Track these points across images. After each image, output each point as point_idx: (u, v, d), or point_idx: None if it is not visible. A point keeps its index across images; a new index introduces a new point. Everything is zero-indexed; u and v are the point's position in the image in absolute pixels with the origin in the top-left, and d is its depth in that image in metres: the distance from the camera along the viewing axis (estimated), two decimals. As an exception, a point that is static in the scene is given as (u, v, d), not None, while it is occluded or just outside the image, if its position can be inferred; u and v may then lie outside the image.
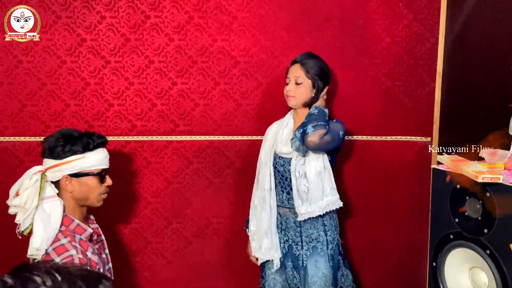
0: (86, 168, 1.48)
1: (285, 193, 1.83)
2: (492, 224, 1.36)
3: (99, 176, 1.52)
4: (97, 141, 1.51)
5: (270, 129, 1.94)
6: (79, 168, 1.47)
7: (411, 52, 2.10)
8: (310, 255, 1.79)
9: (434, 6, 2.07)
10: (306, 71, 1.77)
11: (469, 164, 1.51)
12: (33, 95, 2.06)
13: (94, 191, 1.51)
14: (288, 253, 1.85)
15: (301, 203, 1.76)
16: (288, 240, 1.85)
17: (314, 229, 1.81)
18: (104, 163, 1.54)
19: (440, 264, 1.57)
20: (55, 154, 1.47)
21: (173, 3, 2.04)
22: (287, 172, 1.80)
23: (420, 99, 2.14)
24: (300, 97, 1.78)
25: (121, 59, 2.06)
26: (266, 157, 1.86)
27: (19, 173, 2.09)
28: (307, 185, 1.74)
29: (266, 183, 1.83)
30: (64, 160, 1.46)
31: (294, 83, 1.78)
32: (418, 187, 2.18)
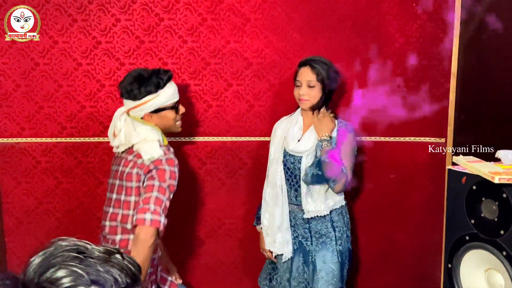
0: (161, 105, 1.66)
1: (293, 190, 1.85)
2: (509, 225, 1.35)
3: (174, 108, 1.70)
4: (165, 79, 1.65)
5: (279, 125, 1.95)
6: (156, 105, 1.64)
7: (425, 52, 2.09)
8: (319, 250, 1.82)
9: (448, 6, 2.06)
10: (317, 74, 1.78)
11: (485, 164, 1.50)
12: (50, 97, 2.10)
13: (173, 121, 1.71)
14: (298, 248, 1.87)
15: (310, 201, 1.79)
16: (298, 236, 1.87)
17: (323, 225, 1.83)
18: (175, 96, 1.70)
19: (456, 266, 1.56)
20: (132, 96, 1.63)
21: (186, 6, 2.06)
22: (296, 169, 1.82)
23: (434, 100, 2.13)
24: (313, 100, 1.81)
25: (135, 61, 2.09)
26: (276, 154, 1.88)
27: (35, 173, 2.14)
28: (318, 185, 1.76)
29: (278, 180, 1.85)
30: (142, 101, 1.63)
31: (306, 86, 1.79)
32: (432, 188, 2.16)
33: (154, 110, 1.65)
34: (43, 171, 2.15)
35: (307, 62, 1.81)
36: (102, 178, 2.15)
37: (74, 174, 2.15)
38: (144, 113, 1.66)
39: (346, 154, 1.78)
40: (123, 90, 1.65)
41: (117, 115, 1.72)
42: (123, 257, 0.68)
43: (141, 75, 1.64)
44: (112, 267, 0.65)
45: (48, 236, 2.18)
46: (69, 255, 0.64)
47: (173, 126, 1.73)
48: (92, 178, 2.15)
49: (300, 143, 1.82)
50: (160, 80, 1.63)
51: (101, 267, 0.63)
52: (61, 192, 2.16)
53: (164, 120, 1.69)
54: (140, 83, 1.62)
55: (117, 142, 1.69)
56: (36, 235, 2.18)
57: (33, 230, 2.18)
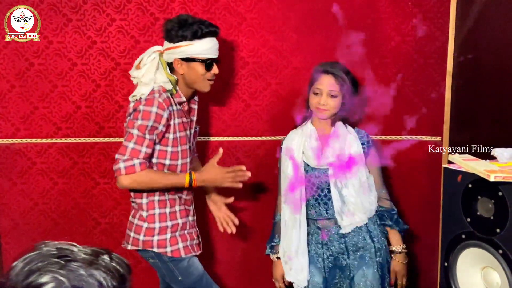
0: (193, 55, 1.62)
1: (322, 204, 1.74)
2: (505, 223, 1.35)
3: (205, 63, 1.64)
4: (205, 30, 1.61)
5: (290, 141, 1.81)
6: (188, 54, 1.61)
7: (421, 51, 2.09)
8: (358, 264, 1.71)
9: (443, 5, 2.06)
10: (341, 84, 1.71)
11: (480, 163, 1.50)
12: (45, 97, 2.09)
13: (201, 77, 1.65)
14: (335, 266, 1.75)
15: (344, 215, 1.69)
16: (333, 253, 1.75)
17: (359, 237, 1.73)
18: (211, 52, 1.64)
19: (452, 264, 1.56)
20: (169, 37, 1.63)
21: (182, 5, 2.06)
22: (323, 183, 1.72)
23: (430, 99, 2.13)
24: (333, 111, 1.74)
25: (131, 61, 2.07)
26: (295, 173, 1.74)
27: (31, 174, 2.13)
28: (354, 195, 1.69)
29: (297, 196, 1.73)
30: (175, 44, 1.62)
31: (328, 96, 1.71)
32: (429, 187, 2.16)
33: (185, 58, 1.62)
34: (39, 172, 2.14)
35: (330, 71, 1.72)
36: (98, 179, 2.14)
37: (70, 175, 2.14)
38: (174, 58, 1.63)
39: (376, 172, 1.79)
40: (164, 28, 1.65)
41: (150, 50, 1.70)
42: (111, 258, 0.68)
43: (185, 20, 1.63)
44: (97, 270, 0.64)
45: (44, 237, 2.16)
46: (51, 260, 0.63)
47: (200, 82, 1.66)
48: (88, 178, 2.15)
49: (325, 156, 1.73)
50: (199, 29, 1.60)
51: (84, 271, 0.62)
52: (57, 193, 2.15)
53: (192, 73, 1.64)
54: (180, 26, 1.61)
55: (135, 74, 1.68)
56: (32, 236, 2.17)
57: (29, 231, 2.17)
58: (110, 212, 2.17)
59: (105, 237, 2.18)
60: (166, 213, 1.71)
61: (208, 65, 1.66)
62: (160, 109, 1.58)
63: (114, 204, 2.17)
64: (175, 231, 1.71)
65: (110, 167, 2.14)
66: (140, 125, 1.56)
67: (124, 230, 2.19)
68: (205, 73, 1.66)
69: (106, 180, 2.14)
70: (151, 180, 1.59)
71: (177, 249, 1.70)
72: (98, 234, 2.18)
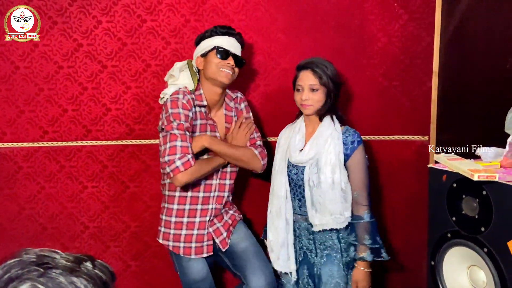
0: (209, 46, 1.74)
1: (296, 200, 1.77)
2: (489, 222, 1.37)
3: (218, 52, 1.72)
4: (220, 29, 1.75)
5: (282, 134, 1.86)
6: (205, 48, 1.75)
7: (407, 51, 2.11)
8: (324, 263, 1.73)
9: (429, 6, 2.08)
10: (319, 77, 1.68)
11: (465, 162, 1.51)
12: (31, 100, 2.07)
13: (215, 67, 1.72)
14: (303, 260, 1.78)
15: (315, 214, 1.68)
16: (303, 247, 1.78)
17: (328, 237, 1.73)
18: (225, 44, 1.73)
19: (439, 263, 1.58)
20: (195, 43, 1.82)
21: (169, 7, 2.05)
22: (300, 180, 1.73)
23: (417, 98, 2.15)
24: (317, 105, 1.70)
25: (118, 63, 2.07)
26: (280, 165, 1.78)
27: (18, 179, 2.11)
28: (322, 196, 1.66)
29: (282, 191, 1.75)
30: (198, 46, 1.80)
31: (309, 90, 1.69)
32: (416, 186, 2.18)
33: (203, 54, 1.75)
34: (25, 176, 2.11)
35: (308, 65, 1.70)
36: (86, 182, 2.13)
37: (57, 179, 2.12)
38: (197, 57, 1.77)
39: (359, 174, 1.68)
40: None
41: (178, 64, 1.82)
42: (94, 265, 0.67)
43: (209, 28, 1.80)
44: (78, 277, 0.64)
45: (32, 242, 2.15)
46: (31, 267, 0.63)
47: (216, 72, 1.72)
48: (76, 182, 2.13)
49: (302, 153, 1.71)
50: (217, 29, 1.75)
51: (64, 279, 0.62)
52: (44, 197, 2.13)
53: (208, 66, 1.73)
54: (204, 32, 1.79)
55: (166, 78, 1.83)
56: (20, 241, 2.15)
57: (17, 236, 2.15)
58: (98, 216, 2.16)
59: (93, 241, 2.17)
60: (172, 209, 1.79)
61: (221, 53, 1.72)
62: (184, 109, 1.68)
63: (103, 208, 2.15)
64: (179, 229, 1.77)
65: (97, 171, 2.13)
66: (178, 124, 1.65)
67: (113, 234, 2.18)
68: (219, 62, 1.72)
69: (94, 184, 2.13)
70: (201, 169, 1.67)
71: (177, 246, 1.78)
72: (86, 239, 2.17)
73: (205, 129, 1.76)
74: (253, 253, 1.81)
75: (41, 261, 0.65)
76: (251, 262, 1.79)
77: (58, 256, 0.66)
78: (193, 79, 1.76)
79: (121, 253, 2.19)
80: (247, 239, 1.84)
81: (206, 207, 1.79)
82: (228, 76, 1.72)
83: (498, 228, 1.34)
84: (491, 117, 1.89)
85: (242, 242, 1.82)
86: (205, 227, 1.78)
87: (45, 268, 0.63)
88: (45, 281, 0.62)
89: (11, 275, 0.62)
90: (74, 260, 0.66)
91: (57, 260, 0.66)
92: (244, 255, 1.80)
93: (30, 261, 0.64)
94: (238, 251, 1.80)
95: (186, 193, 1.77)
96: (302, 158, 1.71)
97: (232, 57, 1.73)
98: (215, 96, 1.78)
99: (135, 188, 2.15)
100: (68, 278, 0.63)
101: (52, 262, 0.65)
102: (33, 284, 0.61)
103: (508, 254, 1.30)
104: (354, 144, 1.70)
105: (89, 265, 0.66)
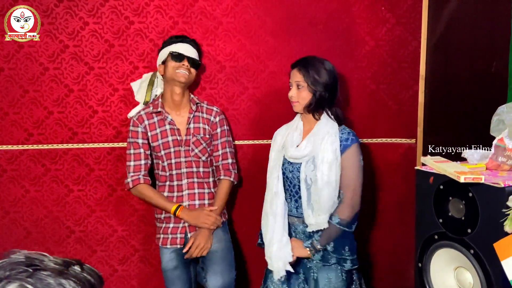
0: (166, 54, 1.89)
1: (293, 201, 1.75)
2: (476, 223, 1.38)
3: (174, 57, 1.87)
4: (175, 40, 1.90)
5: (278, 132, 1.86)
6: (164, 55, 1.90)
7: (395, 55, 2.13)
8: (321, 267, 1.70)
9: (415, 10, 2.11)
10: (304, 74, 1.68)
11: (451, 164, 1.53)
12: (15, 102, 2.03)
13: (172, 69, 1.86)
14: (299, 264, 1.74)
15: (311, 213, 1.66)
16: None
17: None
18: (180, 49, 1.87)
19: (426, 265, 1.58)
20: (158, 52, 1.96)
21: (157, 9, 2.04)
22: (295, 178, 1.71)
23: (404, 102, 2.17)
24: (303, 102, 1.71)
25: (105, 65, 2.05)
26: (275, 161, 1.79)
27: (2, 182, 2.07)
28: (318, 194, 1.64)
29: (274, 186, 1.75)
30: (159, 55, 1.94)
31: (296, 87, 1.71)
32: (404, 188, 2.20)
33: (163, 61, 1.90)
34: (9, 179, 2.07)
35: (297, 63, 1.73)
36: (71, 186, 2.09)
37: (42, 182, 2.08)
38: (158, 66, 1.93)
39: (348, 173, 1.66)
40: None
41: None
42: (82, 269, 0.67)
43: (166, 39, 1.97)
44: (66, 279, 0.63)
45: (16, 247, 2.09)
46: (19, 268, 0.62)
47: (173, 74, 1.86)
48: (61, 186, 2.09)
49: (299, 149, 1.70)
50: (172, 38, 1.92)
51: (53, 280, 0.62)
52: (28, 201, 2.09)
53: (167, 70, 1.88)
54: None
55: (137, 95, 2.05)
56: (4, 246, 2.10)
57: (1, 240, 2.10)
58: (84, 220, 2.12)
59: (79, 245, 2.13)
60: None
61: (176, 57, 1.86)
62: (134, 127, 1.91)
63: (88, 212, 2.12)
64: (161, 222, 1.95)
65: (83, 174, 2.09)
66: (133, 143, 1.92)
67: (99, 238, 2.15)
68: (175, 64, 1.86)
69: (80, 187, 2.10)
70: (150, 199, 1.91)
71: (157, 237, 1.96)
72: (72, 243, 2.13)
73: (166, 135, 1.90)
74: (219, 257, 1.92)
75: (30, 262, 0.65)
76: (215, 264, 1.91)
77: (46, 259, 0.67)
78: (146, 94, 1.97)
79: (107, 257, 2.16)
80: (219, 242, 1.92)
81: (180, 204, 1.91)
82: (184, 76, 1.87)
83: (484, 229, 1.36)
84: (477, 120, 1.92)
85: (214, 244, 1.91)
86: (180, 222, 1.92)
87: (34, 269, 0.63)
88: (34, 281, 0.62)
89: (0, 274, 0.62)
90: (62, 263, 0.66)
91: (45, 262, 0.66)
92: (212, 256, 1.90)
93: (18, 261, 0.64)
94: (208, 251, 1.89)
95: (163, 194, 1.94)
96: (299, 153, 1.70)
97: (187, 59, 1.87)
98: (175, 97, 1.91)
99: (122, 192, 2.12)
100: (57, 280, 0.63)
101: (40, 264, 0.65)
102: (21, 284, 0.61)
103: (494, 255, 1.32)
104: (348, 141, 1.69)
105: (77, 269, 0.67)
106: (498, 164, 1.48)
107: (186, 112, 1.94)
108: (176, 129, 1.91)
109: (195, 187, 1.93)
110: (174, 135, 1.91)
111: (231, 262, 1.95)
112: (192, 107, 1.94)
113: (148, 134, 1.90)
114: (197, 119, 1.94)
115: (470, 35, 1.97)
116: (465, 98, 1.99)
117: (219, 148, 1.97)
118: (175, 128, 1.91)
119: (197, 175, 1.93)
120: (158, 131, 1.90)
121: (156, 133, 1.90)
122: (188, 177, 1.92)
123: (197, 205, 1.93)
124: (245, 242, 2.23)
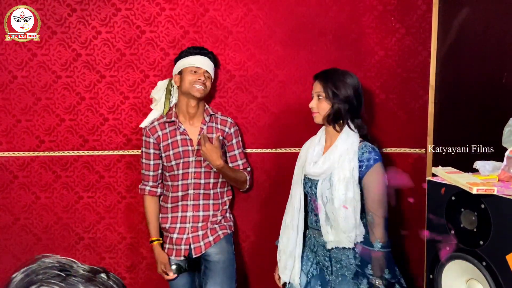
0: (183, 65, 1.91)
1: (313, 214, 1.75)
2: (488, 235, 1.36)
3: (189, 70, 1.90)
4: (193, 51, 1.93)
5: (303, 146, 1.85)
6: (180, 66, 1.92)
7: (404, 65, 2.13)
8: (339, 282, 1.67)
9: (425, 20, 2.10)
10: (323, 86, 1.68)
11: (463, 175, 1.52)
12: (28, 110, 2.06)
13: (188, 83, 1.89)
14: (318, 275, 1.73)
15: (329, 229, 1.65)
16: (319, 262, 1.74)
17: (343, 255, 1.67)
18: (199, 63, 1.90)
19: (437, 277, 1.56)
20: (175, 62, 1.99)
21: (168, 18, 2.06)
22: (314, 195, 1.71)
23: (414, 112, 2.16)
24: (322, 112, 1.69)
25: (116, 74, 2.07)
26: (297, 176, 1.79)
27: (13, 188, 2.09)
28: (335, 213, 1.61)
29: (296, 202, 1.75)
30: (176, 65, 1.96)
31: (316, 98, 1.71)
32: (414, 199, 2.18)
33: (179, 72, 1.92)
34: (20, 186, 2.09)
35: (318, 74, 1.73)
36: (81, 193, 2.11)
37: (53, 189, 2.10)
38: (174, 75, 1.95)
39: (374, 193, 1.62)
40: None
41: None
42: (108, 277, 0.69)
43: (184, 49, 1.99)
44: (95, 286, 0.65)
45: (26, 253, 2.12)
46: (52, 272, 0.63)
47: (190, 88, 1.89)
48: (72, 193, 2.11)
49: (315, 166, 1.68)
50: (190, 49, 1.94)
51: (83, 286, 0.63)
52: (39, 208, 2.10)
53: (183, 82, 1.90)
54: None
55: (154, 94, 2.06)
56: (14, 252, 2.12)
57: (10, 247, 2.12)
58: (93, 227, 2.13)
59: (88, 252, 2.14)
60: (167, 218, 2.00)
61: (193, 71, 1.89)
62: (146, 137, 1.95)
63: (98, 218, 2.13)
64: (166, 231, 1.97)
65: (93, 181, 2.11)
66: (145, 153, 1.99)
67: (108, 245, 2.16)
68: (192, 78, 1.88)
69: (90, 194, 2.11)
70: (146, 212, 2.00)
71: (165, 247, 1.98)
72: (81, 250, 2.14)
73: (177, 145, 1.93)
74: (220, 268, 1.92)
75: (62, 267, 0.66)
76: (216, 275, 1.91)
77: (75, 265, 0.68)
78: (165, 103, 1.99)
79: (116, 265, 2.16)
80: (222, 254, 1.93)
81: (185, 214, 1.94)
82: (200, 90, 1.89)
83: (496, 241, 1.34)
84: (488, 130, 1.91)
85: (217, 255, 1.92)
86: (184, 233, 1.93)
87: (66, 274, 0.65)
88: (66, 286, 0.63)
89: (32, 278, 0.63)
90: (90, 270, 0.67)
91: (74, 268, 0.67)
92: (213, 267, 1.92)
93: (51, 265, 0.65)
94: (210, 261, 1.92)
95: (166, 204, 1.97)
96: (315, 170, 1.68)
97: (204, 73, 1.90)
98: (190, 109, 1.94)
99: (131, 199, 2.13)
100: (86, 286, 0.64)
101: (71, 270, 0.66)
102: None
103: (507, 267, 1.30)
104: (370, 161, 1.64)
105: (104, 276, 0.68)
106: (511, 176, 1.47)
107: (199, 122, 1.96)
108: (188, 139, 1.93)
109: (200, 198, 1.94)
110: (185, 145, 1.93)
111: (232, 274, 1.95)
112: (206, 118, 1.96)
113: (160, 145, 1.93)
114: (210, 129, 1.96)
115: (480, 45, 1.96)
116: (476, 109, 1.98)
117: (237, 159, 2.00)
118: (187, 138, 1.93)
119: (204, 187, 1.94)
120: (170, 142, 1.93)
121: (168, 143, 1.93)
122: (195, 188, 1.94)
123: (201, 216, 1.94)
124: (248, 256, 2.21)
